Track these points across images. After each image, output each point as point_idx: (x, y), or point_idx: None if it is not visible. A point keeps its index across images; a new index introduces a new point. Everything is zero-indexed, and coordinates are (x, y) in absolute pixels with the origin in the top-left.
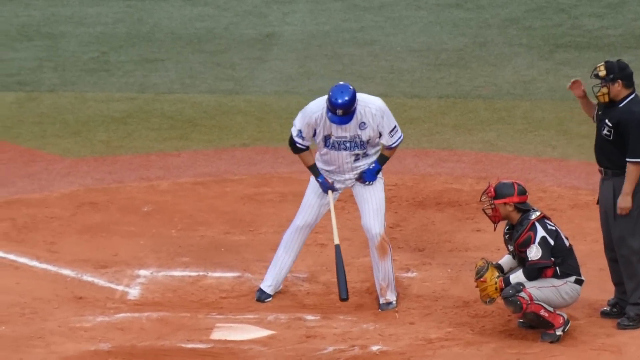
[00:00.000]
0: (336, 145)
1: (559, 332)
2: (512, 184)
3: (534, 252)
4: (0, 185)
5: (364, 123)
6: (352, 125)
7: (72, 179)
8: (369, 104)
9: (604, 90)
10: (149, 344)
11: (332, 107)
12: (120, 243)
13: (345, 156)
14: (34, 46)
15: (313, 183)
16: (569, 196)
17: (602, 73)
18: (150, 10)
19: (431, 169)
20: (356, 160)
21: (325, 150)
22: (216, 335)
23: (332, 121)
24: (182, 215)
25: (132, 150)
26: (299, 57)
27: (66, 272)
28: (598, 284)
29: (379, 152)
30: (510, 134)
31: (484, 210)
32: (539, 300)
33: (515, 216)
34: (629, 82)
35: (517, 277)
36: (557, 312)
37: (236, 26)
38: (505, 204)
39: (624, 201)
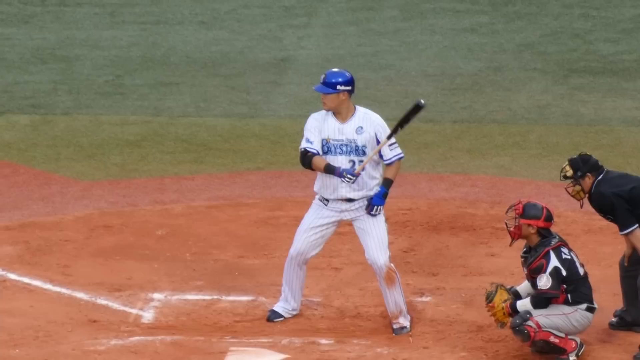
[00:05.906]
0: (333, 149)
1: (572, 357)
2: (542, 207)
3: (544, 282)
4: (14, 208)
5: (361, 127)
6: (349, 129)
7: (86, 202)
8: (370, 113)
9: (577, 188)
10: None
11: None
12: (134, 266)
13: (341, 161)
14: (49, 69)
15: (310, 212)
16: (583, 221)
17: (570, 173)
18: (165, 34)
19: (445, 194)
20: (352, 165)
21: (323, 157)
22: (230, 359)
23: (314, 88)
24: (196, 239)
25: (146, 173)
26: (314, 81)
27: (80, 295)
28: (612, 309)
29: (380, 181)
30: (525, 158)
31: (506, 223)
32: (547, 328)
33: (535, 239)
34: (597, 171)
35: (524, 304)
36: (569, 336)
37: (251, 50)
38: (529, 224)
39: None
